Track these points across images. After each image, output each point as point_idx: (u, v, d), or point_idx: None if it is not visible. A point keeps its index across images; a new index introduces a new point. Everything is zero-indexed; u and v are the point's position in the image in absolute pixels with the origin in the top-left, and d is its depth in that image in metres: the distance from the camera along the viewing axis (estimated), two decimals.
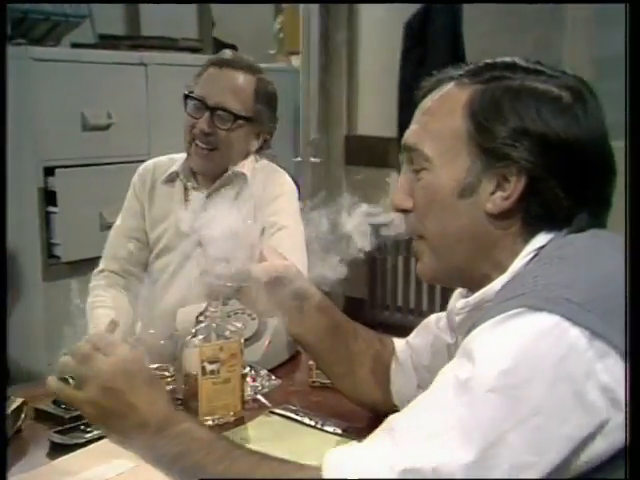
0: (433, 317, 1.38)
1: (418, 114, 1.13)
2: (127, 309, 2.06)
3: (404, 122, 1.16)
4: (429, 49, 3.76)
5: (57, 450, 1.32)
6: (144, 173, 2.16)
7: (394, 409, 1.32)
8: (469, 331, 0.95)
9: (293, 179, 2.15)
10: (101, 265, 2.15)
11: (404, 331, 1.45)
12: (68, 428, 1.37)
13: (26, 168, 3.05)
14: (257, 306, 1.34)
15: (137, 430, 1.04)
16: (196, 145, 2.02)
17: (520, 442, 0.85)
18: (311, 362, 1.62)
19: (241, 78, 2.04)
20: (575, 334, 0.87)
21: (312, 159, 4.45)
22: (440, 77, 1.12)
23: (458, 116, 1.06)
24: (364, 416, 1.42)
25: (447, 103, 1.08)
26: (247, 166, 2.06)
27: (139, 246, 2.13)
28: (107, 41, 3.49)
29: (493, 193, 1.04)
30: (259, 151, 2.11)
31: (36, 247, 3.08)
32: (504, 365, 0.87)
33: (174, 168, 2.11)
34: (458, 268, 1.11)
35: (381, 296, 4.29)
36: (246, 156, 2.07)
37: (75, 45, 3.36)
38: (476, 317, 0.99)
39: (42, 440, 1.35)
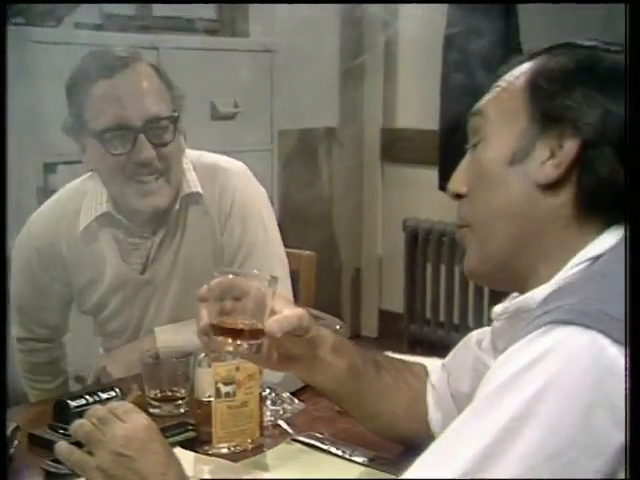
0: (474, 335, 1.37)
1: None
2: None
3: (447, 113, 1.16)
4: (476, 28, 3.75)
5: None
6: (47, 238, 1.99)
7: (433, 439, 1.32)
8: (505, 348, 0.94)
9: (278, 173, 2.10)
10: (17, 332, 2.11)
11: (447, 350, 1.45)
12: None
13: (24, 164, 3.07)
14: (267, 363, 1.33)
15: None
16: (137, 182, 1.82)
17: (550, 478, 0.84)
18: None
19: (141, 72, 1.82)
20: (614, 354, 0.85)
21: None
22: (518, 60, 1.14)
23: (522, 83, 1.09)
24: (396, 446, 1.42)
25: (515, 75, 1.11)
26: (193, 181, 1.91)
27: (63, 312, 2.10)
28: (114, 21, 3.52)
29: (544, 162, 1.05)
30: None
31: None
32: (532, 390, 0.86)
33: (99, 210, 1.92)
34: (503, 257, 1.10)
35: (420, 310, 4.28)
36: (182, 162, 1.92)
37: (79, 25, 3.39)
38: (514, 326, 0.99)
39: (36, 469, 1.36)
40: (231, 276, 1.29)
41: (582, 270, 1.02)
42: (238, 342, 1.24)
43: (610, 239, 1.03)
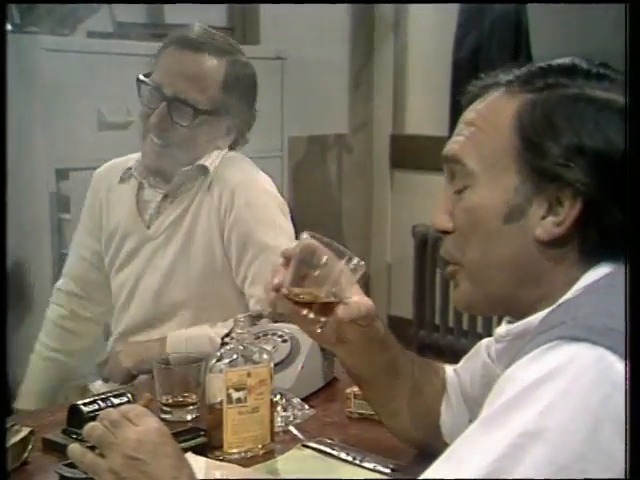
0: (484, 342, 1.37)
1: (461, 125, 1.12)
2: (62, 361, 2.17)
3: (457, 120, 1.15)
4: (487, 33, 3.75)
5: None
6: (98, 179, 2.14)
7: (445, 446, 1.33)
8: (509, 365, 0.95)
9: (288, 179, 2.13)
10: (59, 281, 2.20)
11: (456, 356, 1.45)
12: None
13: (36, 171, 3.09)
14: (322, 339, 1.35)
15: None
16: (151, 139, 1.95)
17: None
18: (348, 391, 1.62)
19: (206, 62, 1.93)
20: (622, 370, 0.86)
21: None
22: (487, 82, 1.11)
23: (506, 129, 1.05)
24: (407, 451, 1.42)
25: (494, 113, 1.08)
26: (212, 160, 1.99)
27: (88, 267, 2.15)
28: (127, 30, 3.53)
29: (544, 217, 1.03)
30: (233, 147, 2.04)
31: (47, 257, 3.12)
32: (541, 406, 0.86)
33: (129, 164, 2.06)
34: (498, 298, 1.10)
35: (430, 315, 4.28)
36: (213, 150, 2.00)
37: (91, 34, 3.40)
38: (517, 348, 0.99)
39: (50, 473, 1.36)
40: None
41: (582, 289, 1.02)
42: (311, 315, 1.24)
43: (608, 268, 1.03)
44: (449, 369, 1.43)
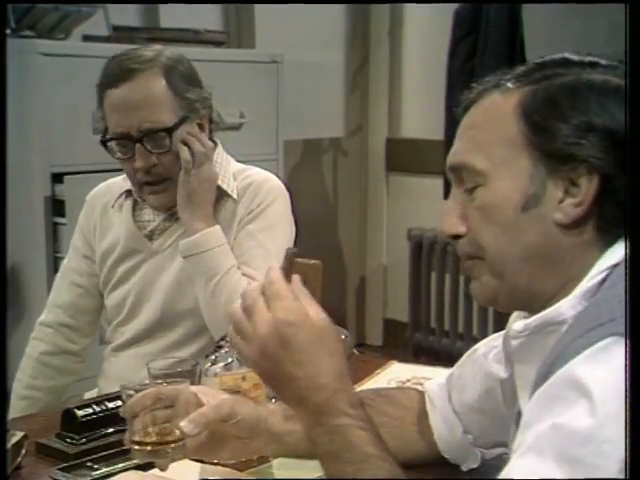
0: (480, 347, 1.35)
1: (460, 131, 1.11)
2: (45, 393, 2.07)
3: (453, 123, 1.15)
4: (482, 39, 3.76)
5: None
6: (91, 203, 2.09)
7: (442, 457, 1.36)
8: (537, 361, 0.93)
9: (283, 183, 2.09)
10: (42, 316, 2.13)
11: (451, 358, 1.44)
12: (73, 465, 1.39)
13: (31, 174, 3.08)
14: (200, 452, 1.28)
15: (297, 402, 1.05)
16: (148, 185, 1.90)
17: None
18: None
19: (143, 81, 1.85)
20: None
21: None
22: (482, 88, 1.11)
23: (510, 120, 1.05)
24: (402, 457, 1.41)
25: (494, 111, 1.07)
26: (227, 181, 1.96)
27: (81, 293, 2.09)
28: (122, 33, 3.52)
29: (562, 201, 1.03)
30: (211, 137, 1.97)
31: (41, 262, 3.11)
32: (613, 408, 0.84)
33: (127, 186, 2.00)
34: (521, 290, 1.08)
35: (425, 318, 4.28)
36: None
37: (87, 38, 3.40)
38: (538, 342, 0.98)
39: (44, 478, 1.36)
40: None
41: (608, 276, 1.00)
42: (167, 450, 1.19)
43: (622, 248, 1.02)
44: (430, 386, 1.41)
